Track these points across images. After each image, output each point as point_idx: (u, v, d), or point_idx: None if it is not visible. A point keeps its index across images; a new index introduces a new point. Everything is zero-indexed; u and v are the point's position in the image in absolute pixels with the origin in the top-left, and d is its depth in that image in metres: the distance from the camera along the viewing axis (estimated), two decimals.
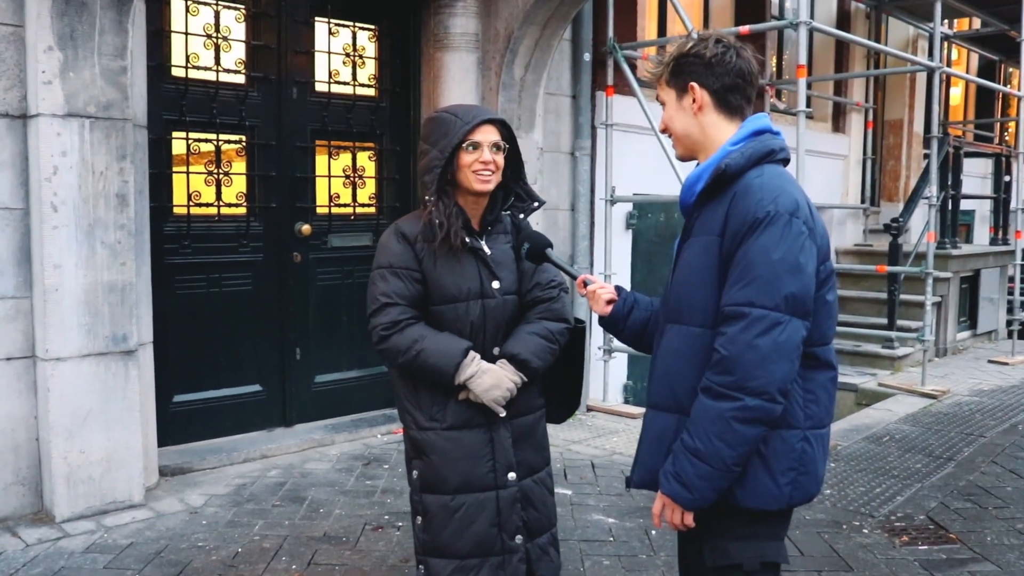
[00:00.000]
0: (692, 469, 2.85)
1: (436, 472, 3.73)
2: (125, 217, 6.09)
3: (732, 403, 2.78)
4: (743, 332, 2.78)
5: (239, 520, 6.13)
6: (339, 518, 6.21)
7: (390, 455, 7.58)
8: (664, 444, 3.03)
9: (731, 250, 2.87)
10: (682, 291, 3.04)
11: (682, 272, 3.07)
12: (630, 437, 8.41)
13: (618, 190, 9.87)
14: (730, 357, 2.78)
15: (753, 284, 2.79)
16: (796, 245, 2.82)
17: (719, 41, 3.06)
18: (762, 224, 2.81)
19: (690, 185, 3.09)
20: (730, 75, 3.04)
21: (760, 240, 2.81)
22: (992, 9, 14.83)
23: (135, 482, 6.27)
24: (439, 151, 3.66)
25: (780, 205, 2.84)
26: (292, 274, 7.97)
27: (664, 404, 3.07)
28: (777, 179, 2.94)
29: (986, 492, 7.02)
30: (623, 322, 3.52)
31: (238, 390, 7.75)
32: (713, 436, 2.81)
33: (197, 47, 7.32)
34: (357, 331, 8.37)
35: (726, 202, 2.93)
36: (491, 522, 3.76)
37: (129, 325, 6.16)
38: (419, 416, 3.75)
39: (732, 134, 3.06)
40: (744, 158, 2.95)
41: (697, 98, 3.06)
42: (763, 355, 2.77)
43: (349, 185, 8.38)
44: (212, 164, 7.49)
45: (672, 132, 3.18)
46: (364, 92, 8.44)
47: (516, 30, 8.12)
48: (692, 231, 3.08)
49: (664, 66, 3.15)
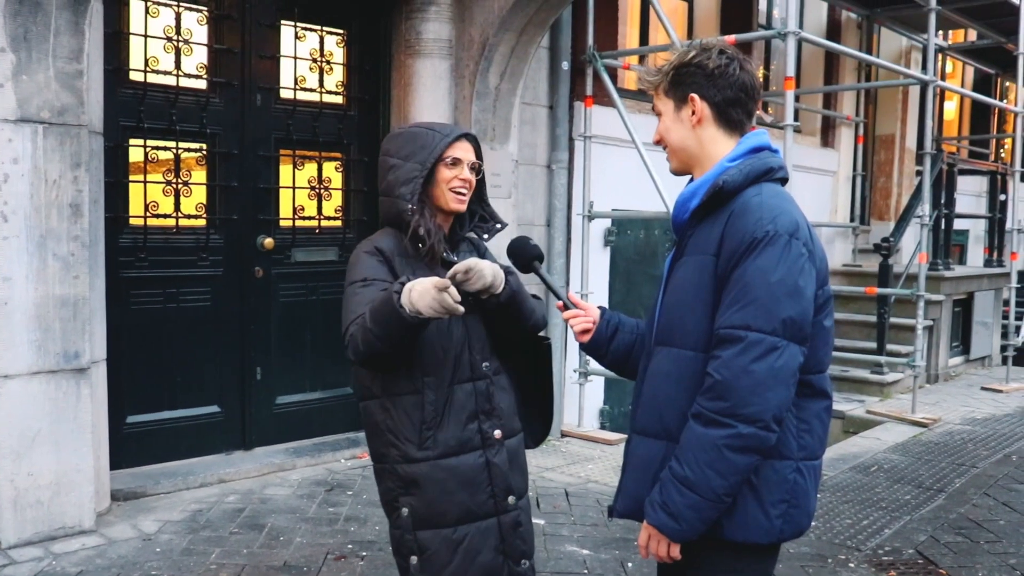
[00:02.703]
0: (681, 499, 2.84)
1: (433, 506, 3.65)
2: (79, 228, 6.10)
3: (725, 430, 2.78)
4: (738, 356, 2.77)
5: (195, 548, 6.13)
6: (300, 547, 6.22)
7: (354, 481, 7.60)
8: (650, 472, 3.02)
9: (727, 271, 2.87)
10: (673, 312, 3.03)
11: (674, 293, 3.06)
12: (606, 464, 8.46)
13: (596, 205, 9.92)
14: (724, 382, 2.78)
15: (750, 307, 2.79)
16: (795, 267, 2.83)
17: (723, 52, 3.06)
18: (760, 244, 2.82)
19: (684, 202, 3.08)
20: (732, 88, 3.05)
21: (758, 261, 2.81)
22: (988, 21, 14.94)
23: (86, 507, 6.27)
24: (418, 163, 3.64)
25: (779, 225, 2.84)
26: (253, 290, 8.00)
27: (651, 430, 3.06)
28: (776, 198, 2.95)
29: (978, 525, 7.09)
30: (606, 346, 3.50)
31: (195, 411, 7.76)
32: (704, 465, 2.80)
33: (157, 50, 7.36)
34: (321, 351, 8.40)
35: (722, 221, 2.93)
36: (496, 549, 3.73)
37: (81, 342, 6.17)
38: (408, 447, 3.63)
39: (730, 150, 3.06)
40: (742, 175, 2.96)
41: (697, 110, 3.06)
42: (758, 381, 2.77)
43: (314, 197, 8.41)
44: (171, 173, 7.50)
45: (668, 144, 3.18)
46: (331, 100, 8.48)
47: (491, 37, 8.18)
48: (685, 250, 3.06)
49: (663, 75, 3.14)
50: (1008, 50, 15.30)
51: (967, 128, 20.70)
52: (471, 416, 3.71)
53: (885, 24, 15.49)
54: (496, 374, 3.82)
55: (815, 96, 15.00)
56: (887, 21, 15.36)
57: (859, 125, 15.82)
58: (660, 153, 3.24)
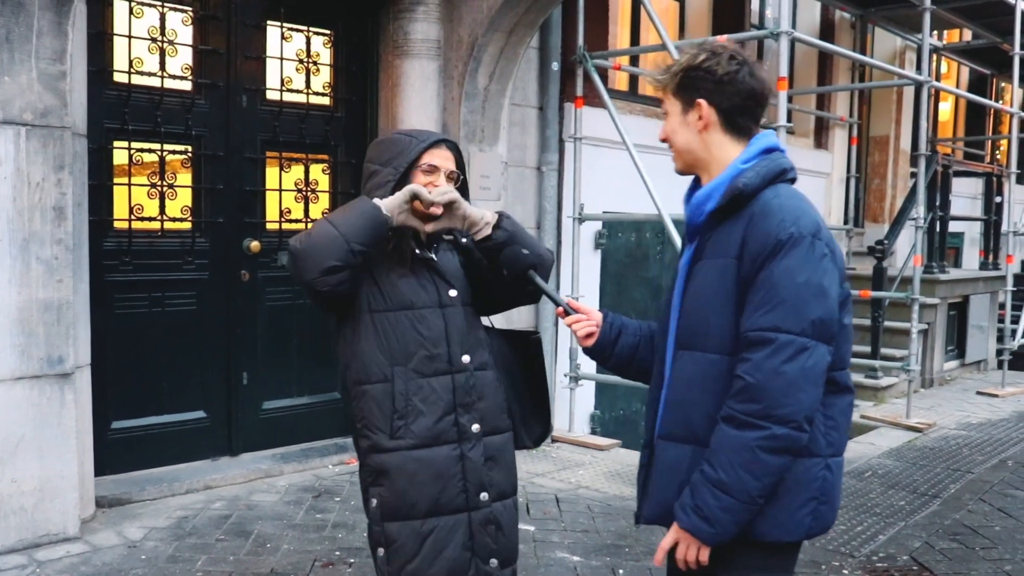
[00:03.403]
0: (715, 502, 2.87)
1: (402, 497, 3.69)
2: (62, 231, 6.11)
3: (758, 432, 2.82)
4: (769, 358, 2.82)
5: (180, 555, 6.14)
6: (287, 553, 6.23)
7: (342, 487, 7.61)
8: (678, 476, 3.04)
9: (750, 273, 2.90)
10: (696, 316, 3.06)
11: (695, 296, 3.08)
12: (597, 470, 8.48)
13: (587, 207, 9.93)
14: (756, 384, 2.82)
15: (778, 308, 2.84)
16: (820, 268, 2.89)
17: (733, 57, 3.08)
18: (785, 246, 2.86)
19: (699, 204, 3.11)
20: (741, 95, 3.07)
21: (784, 263, 2.85)
22: (984, 21, 14.99)
23: (70, 514, 6.28)
24: (393, 168, 3.73)
25: (802, 227, 2.89)
26: (240, 294, 8.00)
27: (678, 434, 3.08)
28: (794, 199, 3.00)
29: (973, 531, 7.12)
30: (610, 349, 3.53)
31: (181, 416, 7.76)
32: (738, 467, 2.84)
33: (141, 51, 7.36)
34: (308, 355, 8.42)
35: (742, 223, 2.96)
36: (464, 546, 3.75)
37: (65, 346, 6.18)
38: (380, 437, 3.70)
39: (738, 153, 3.09)
40: (759, 178, 2.99)
41: (704, 116, 3.09)
42: (790, 382, 2.81)
43: (301, 200, 8.42)
44: (156, 176, 7.51)
45: (673, 145, 3.21)
46: (318, 101, 8.50)
47: (480, 37, 8.21)
48: (705, 253, 3.08)
49: (671, 76, 3.16)
50: (1004, 50, 15.31)
51: (962, 129, 20.75)
52: (448, 408, 3.76)
53: (879, 24, 15.53)
54: (480, 369, 3.87)
55: (808, 97, 15.04)
56: (881, 21, 15.41)
57: (853, 126, 15.85)
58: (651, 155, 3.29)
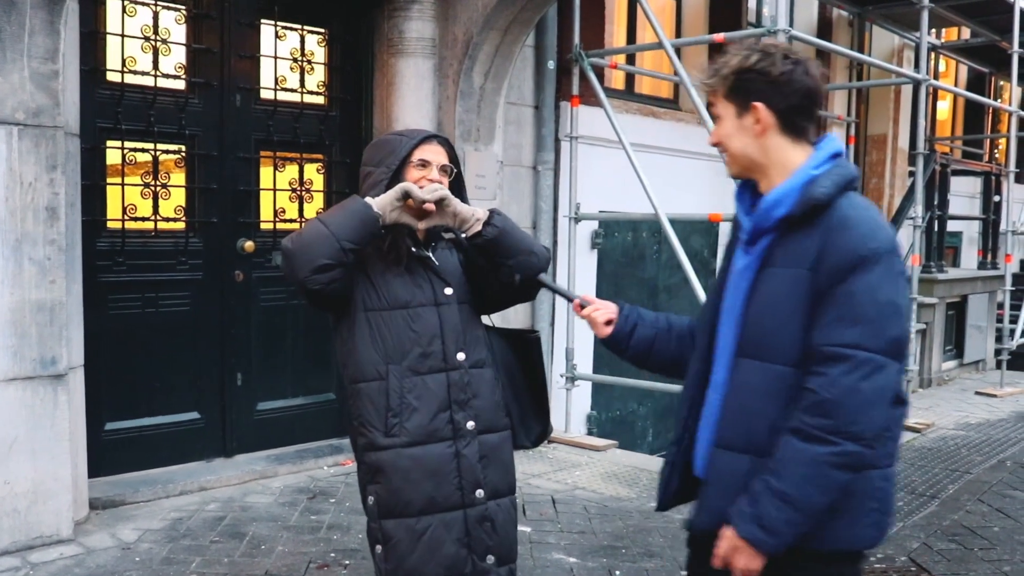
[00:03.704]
0: (777, 513, 2.86)
1: (397, 495, 3.73)
2: (55, 232, 6.11)
3: (829, 447, 2.80)
4: (846, 375, 2.80)
5: (175, 557, 6.15)
6: (282, 555, 6.24)
7: (337, 488, 7.62)
8: (735, 485, 3.01)
9: (826, 286, 2.86)
10: (764, 324, 3.01)
11: (764, 304, 3.03)
12: (594, 471, 8.49)
13: (583, 207, 9.95)
14: (832, 400, 2.80)
15: (859, 325, 2.81)
16: (898, 286, 2.87)
17: (787, 56, 3.01)
18: (867, 263, 2.82)
19: (767, 209, 3.03)
20: (798, 95, 3.01)
21: (867, 279, 2.82)
22: (982, 19, 15.01)
23: (63, 515, 6.27)
24: (386, 167, 3.79)
25: (882, 242, 2.86)
26: (234, 294, 8.01)
27: (737, 444, 3.05)
28: (869, 211, 2.96)
29: (972, 532, 7.13)
30: (626, 341, 3.54)
31: (175, 417, 7.76)
32: (805, 481, 2.83)
33: (134, 50, 7.36)
34: (303, 356, 8.42)
35: (817, 233, 2.91)
36: (460, 542, 3.78)
37: (58, 347, 6.17)
38: (375, 435, 3.74)
39: (800, 156, 3.04)
40: (835, 187, 2.94)
41: (761, 119, 3.02)
42: (866, 400, 2.80)
43: (296, 199, 8.43)
44: (149, 175, 7.52)
45: (728, 150, 3.14)
46: (313, 100, 8.51)
47: (475, 35, 8.22)
48: (774, 261, 3.02)
49: (721, 78, 3.08)
50: (1002, 48, 15.36)
51: (960, 128, 20.74)
52: (443, 406, 3.79)
53: (877, 22, 15.54)
54: (476, 366, 3.90)
55: None
56: (879, 19, 15.41)
57: (850, 125, 15.83)
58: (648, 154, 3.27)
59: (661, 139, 11.16)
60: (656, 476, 3.82)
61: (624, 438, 10.49)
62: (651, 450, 11.04)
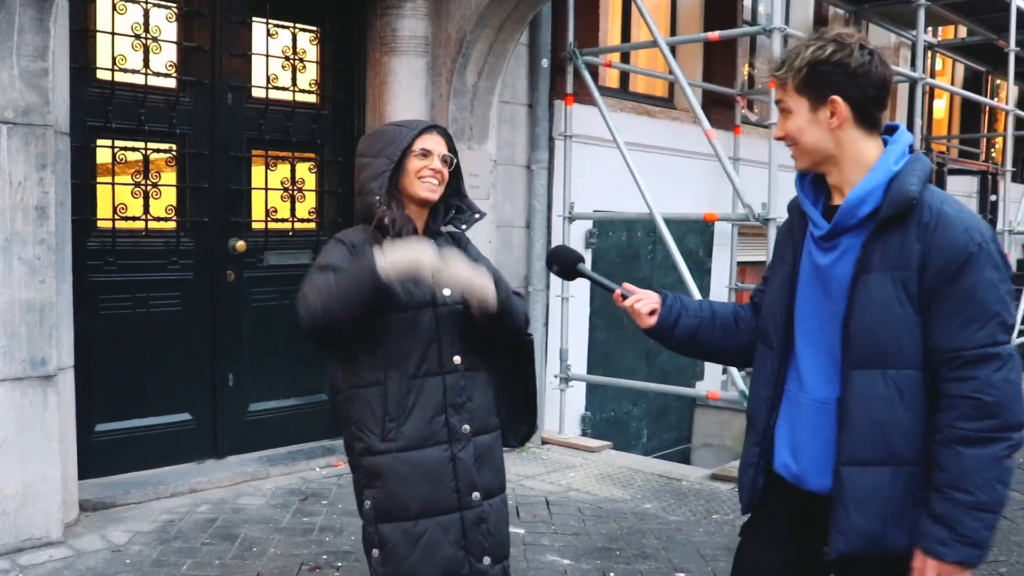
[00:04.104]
0: (979, 524, 2.86)
1: (394, 499, 3.72)
2: (45, 231, 6.10)
3: (1002, 444, 2.84)
4: (997, 372, 2.84)
5: (165, 559, 6.15)
6: (274, 558, 6.24)
7: (329, 490, 7.62)
8: (879, 501, 2.99)
9: (940, 285, 2.88)
10: (879, 331, 2.97)
11: (875, 312, 2.97)
12: (588, 472, 8.49)
13: (577, 206, 9.96)
14: (994, 402, 2.83)
15: (992, 322, 2.85)
16: (1005, 274, 2.91)
17: (863, 47, 3.00)
18: (977, 258, 2.85)
19: (851, 208, 3.00)
20: (874, 87, 3.01)
21: (985, 275, 2.85)
22: (979, 17, 14.99)
23: (53, 517, 6.26)
24: (386, 158, 3.76)
25: (984, 234, 2.89)
26: (225, 294, 8.01)
27: (874, 457, 3.00)
28: (958, 204, 2.98)
29: None
30: (670, 331, 3.51)
31: (166, 419, 7.75)
32: (993, 482, 2.85)
33: (124, 48, 7.36)
34: (294, 356, 8.42)
35: (912, 231, 2.91)
36: (457, 544, 3.78)
37: (48, 348, 6.16)
38: (372, 439, 3.72)
39: (873, 148, 3.04)
40: (922, 182, 2.94)
41: (839, 113, 3.01)
42: (1017, 389, 2.85)
43: (287, 199, 8.43)
44: (140, 175, 7.51)
45: (798, 144, 3.13)
46: (305, 98, 8.50)
47: (469, 33, 8.22)
48: (873, 264, 2.98)
49: (794, 70, 3.05)
50: (999, 47, 15.37)
51: (957, 127, 20.76)
52: (438, 409, 3.78)
53: (873, 20, 15.52)
54: (470, 369, 3.88)
55: None
56: (875, 17, 15.40)
57: None
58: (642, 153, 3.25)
59: (656, 138, 11.17)
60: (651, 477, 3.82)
61: (618, 439, 10.50)
62: (645, 451, 11.07)
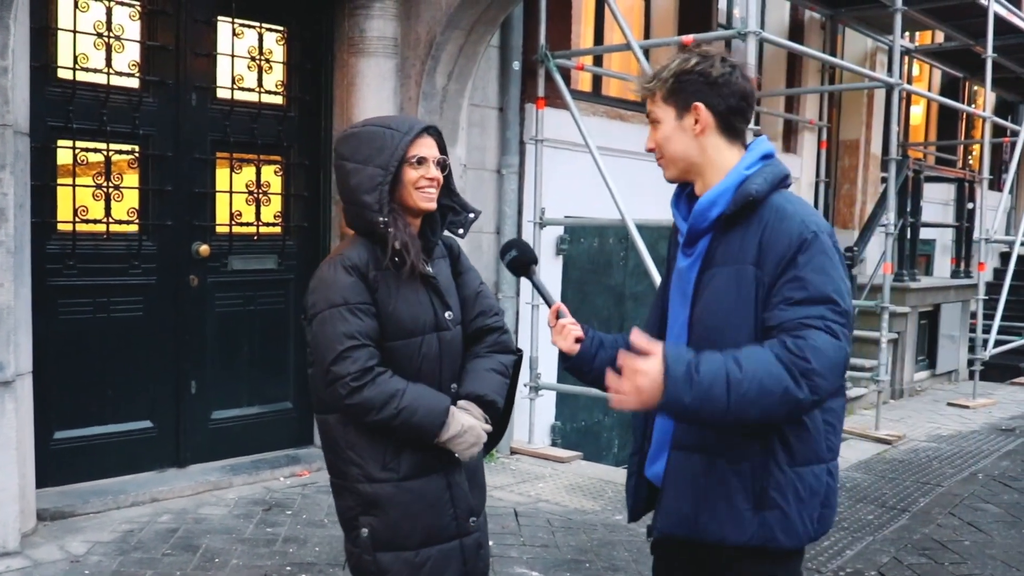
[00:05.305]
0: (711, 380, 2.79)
1: (396, 529, 3.64)
2: (3, 233, 6.08)
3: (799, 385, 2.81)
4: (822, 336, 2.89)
5: (125, 570, 6.13)
6: (236, 569, 6.23)
7: (293, 500, 7.61)
8: (693, 487, 3.10)
9: (776, 275, 2.98)
10: (714, 323, 3.08)
11: (711, 304, 3.10)
12: (558, 483, 8.51)
13: (548, 212, 9.98)
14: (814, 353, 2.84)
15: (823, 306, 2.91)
16: (836, 264, 3.00)
17: (724, 60, 3.17)
18: (811, 244, 2.96)
19: (703, 211, 3.15)
20: (736, 96, 3.16)
21: (816, 260, 2.95)
22: (956, 23, 15.10)
23: (10, 527, 6.24)
24: (380, 167, 3.59)
25: (820, 227, 3.01)
26: (188, 299, 7.98)
27: (691, 443, 3.12)
28: (802, 203, 3.12)
29: (942, 546, 7.19)
30: (588, 364, 3.51)
31: (126, 426, 7.73)
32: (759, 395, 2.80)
33: (86, 47, 7.34)
34: (259, 363, 8.42)
35: (755, 229, 3.04)
36: (460, 572, 3.74)
37: (6, 353, 6.14)
38: (370, 467, 3.62)
39: (735, 157, 3.18)
40: (768, 184, 3.08)
41: (701, 119, 3.15)
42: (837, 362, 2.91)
43: (252, 202, 8.42)
44: (101, 176, 7.48)
45: (665, 153, 3.24)
46: (271, 100, 8.50)
47: (439, 35, 8.22)
48: (714, 261, 3.12)
49: (661, 81, 3.20)
50: (976, 52, 15.44)
51: (934, 133, 20.87)
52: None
53: (850, 25, 15.63)
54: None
55: (777, 99, 15.12)
56: (852, 22, 15.51)
57: (822, 130, 15.93)
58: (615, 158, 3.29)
59: (629, 142, 11.15)
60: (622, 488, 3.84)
61: (589, 449, 10.52)
62: (616, 461, 11.06)
